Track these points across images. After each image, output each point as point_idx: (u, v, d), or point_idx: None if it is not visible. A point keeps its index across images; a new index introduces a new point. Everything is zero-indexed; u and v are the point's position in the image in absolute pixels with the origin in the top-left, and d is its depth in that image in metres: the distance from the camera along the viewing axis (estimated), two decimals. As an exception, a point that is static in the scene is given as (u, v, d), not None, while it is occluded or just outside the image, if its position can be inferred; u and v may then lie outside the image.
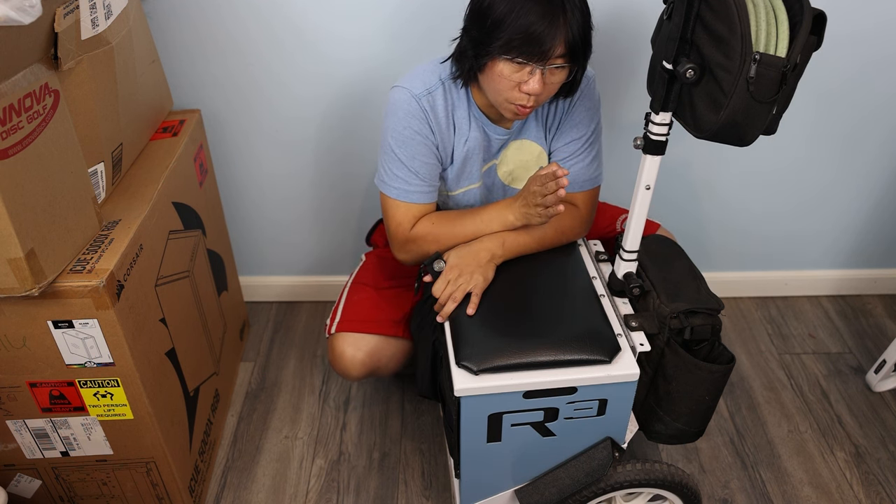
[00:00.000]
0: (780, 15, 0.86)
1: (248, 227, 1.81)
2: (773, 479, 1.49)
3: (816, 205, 1.82)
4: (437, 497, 1.44)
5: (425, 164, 1.22)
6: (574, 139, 1.27)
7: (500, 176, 1.31)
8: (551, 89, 1.13)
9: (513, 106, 1.13)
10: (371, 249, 1.57)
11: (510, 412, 1.08)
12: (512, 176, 1.31)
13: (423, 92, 1.19)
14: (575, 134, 1.26)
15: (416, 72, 1.21)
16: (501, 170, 1.30)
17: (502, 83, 1.10)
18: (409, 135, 1.19)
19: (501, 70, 1.09)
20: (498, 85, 1.11)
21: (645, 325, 1.11)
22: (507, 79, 1.09)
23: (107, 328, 1.04)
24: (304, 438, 1.56)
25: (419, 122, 1.19)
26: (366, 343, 1.31)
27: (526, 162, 1.30)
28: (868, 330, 1.87)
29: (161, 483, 1.28)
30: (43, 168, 0.95)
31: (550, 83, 1.11)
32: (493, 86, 1.12)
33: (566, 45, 1.06)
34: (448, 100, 1.21)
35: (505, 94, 1.12)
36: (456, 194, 1.30)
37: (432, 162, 1.23)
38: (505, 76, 1.09)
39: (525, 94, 1.10)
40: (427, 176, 1.23)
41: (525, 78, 1.08)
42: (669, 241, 1.26)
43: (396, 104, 1.19)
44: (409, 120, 1.18)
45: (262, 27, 1.48)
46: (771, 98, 0.86)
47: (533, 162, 1.30)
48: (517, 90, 1.10)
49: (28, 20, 0.83)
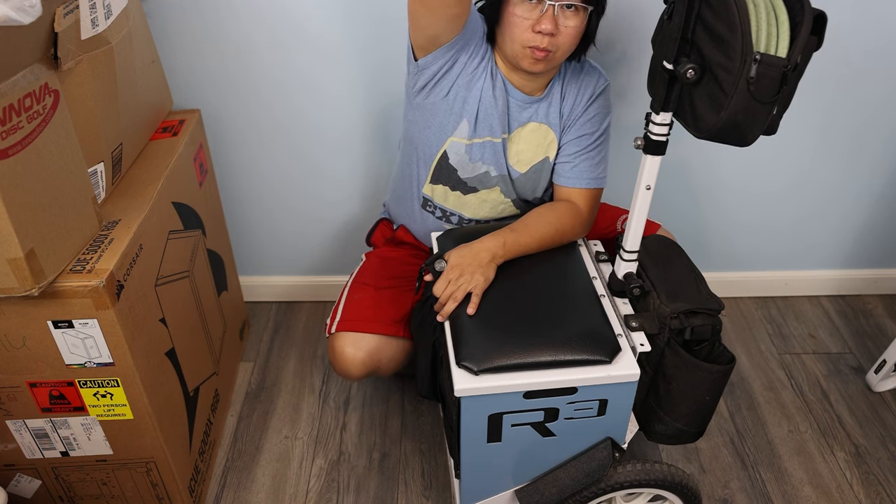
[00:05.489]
0: (780, 15, 0.86)
1: (248, 227, 1.81)
2: (773, 479, 1.49)
3: (816, 205, 1.82)
4: (437, 497, 1.44)
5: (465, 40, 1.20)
6: (586, 134, 1.29)
7: (508, 154, 1.31)
8: (567, 35, 1.15)
9: (528, 51, 1.16)
10: (371, 249, 1.57)
11: (510, 412, 1.08)
12: (518, 157, 1.31)
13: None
14: (588, 129, 1.29)
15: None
16: (511, 148, 1.31)
17: (516, 24, 1.14)
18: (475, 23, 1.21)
19: (514, 10, 1.14)
20: (513, 27, 1.15)
21: (645, 326, 1.11)
22: (521, 17, 1.14)
23: (107, 328, 1.04)
24: (304, 438, 1.56)
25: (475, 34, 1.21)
26: (366, 343, 1.31)
27: (536, 146, 1.31)
28: (868, 330, 1.88)
29: (161, 483, 1.28)
30: (43, 168, 0.95)
31: (564, 27, 1.14)
32: (510, 30, 1.16)
33: None
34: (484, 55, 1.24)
35: (520, 38, 1.15)
36: (475, 143, 1.29)
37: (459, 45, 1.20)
38: (518, 15, 1.14)
39: (539, 33, 1.13)
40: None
41: (537, 16, 1.12)
42: (670, 241, 1.26)
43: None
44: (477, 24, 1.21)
45: (262, 27, 1.48)
46: (771, 98, 0.86)
47: (542, 148, 1.31)
48: (531, 30, 1.14)
49: (28, 20, 0.83)
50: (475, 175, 1.33)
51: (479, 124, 1.27)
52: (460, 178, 1.33)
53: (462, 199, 1.36)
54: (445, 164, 1.32)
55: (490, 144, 1.29)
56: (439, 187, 1.36)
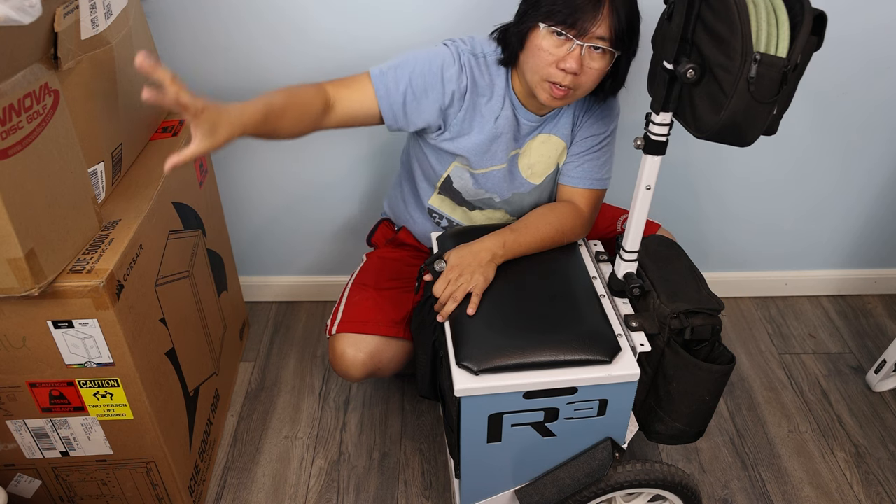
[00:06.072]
0: (780, 15, 0.86)
1: (248, 227, 1.81)
2: (773, 479, 1.49)
3: (816, 205, 1.82)
4: (437, 497, 1.44)
5: (423, 90, 1.19)
6: (594, 134, 1.28)
7: (521, 168, 1.31)
8: (589, 76, 1.13)
9: (548, 85, 1.13)
10: (372, 250, 1.57)
11: (510, 412, 1.08)
12: (531, 170, 1.31)
13: (470, 52, 1.20)
14: (596, 129, 1.28)
15: (467, 38, 1.23)
16: (523, 161, 1.30)
17: (541, 57, 1.11)
18: (436, 65, 1.18)
19: (541, 42, 1.10)
20: (537, 59, 1.12)
21: (645, 326, 1.11)
22: (547, 52, 1.10)
23: (107, 328, 1.04)
24: (304, 438, 1.56)
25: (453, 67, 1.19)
26: (366, 344, 1.31)
27: (548, 157, 1.30)
28: (868, 330, 1.88)
29: (161, 483, 1.28)
30: (43, 168, 0.95)
31: (589, 67, 1.11)
32: (533, 61, 1.13)
33: (609, 27, 1.07)
34: (489, 74, 1.22)
35: (542, 72, 1.12)
36: (479, 173, 1.29)
37: (424, 101, 1.20)
38: (544, 49, 1.10)
39: (562, 70, 1.10)
40: (409, 98, 1.19)
41: (563, 53, 1.09)
42: (670, 241, 1.26)
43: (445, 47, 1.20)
44: (446, 58, 1.19)
45: (263, 27, 1.48)
46: (771, 98, 0.86)
47: (554, 158, 1.30)
48: (555, 66, 1.11)
49: (28, 20, 0.83)
50: (480, 199, 1.34)
51: (484, 156, 1.27)
52: (465, 198, 1.35)
53: (469, 215, 1.38)
54: (450, 185, 1.34)
55: (494, 173, 1.29)
56: (447, 200, 1.37)
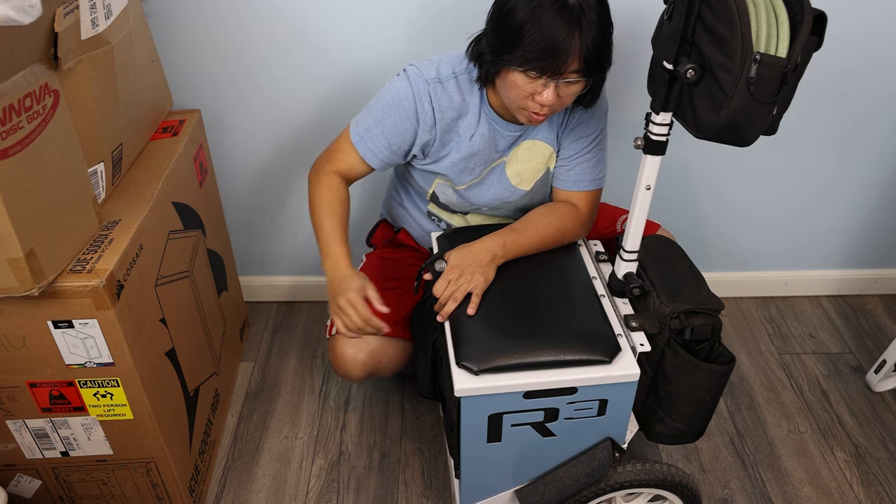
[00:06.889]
0: (780, 15, 0.86)
1: (248, 227, 1.81)
2: (773, 479, 1.49)
3: (817, 205, 1.82)
4: (437, 497, 1.44)
5: (399, 136, 1.24)
6: (582, 137, 1.28)
7: (509, 175, 1.31)
8: (566, 100, 1.13)
9: (526, 112, 1.14)
10: (371, 250, 1.57)
11: (510, 412, 1.08)
12: (520, 176, 1.31)
13: (433, 78, 1.21)
14: (584, 132, 1.27)
15: (433, 59, 1.23)
16: (510, 169, 1.30)
17: (516, 92, 1.11)
18: (401, 106, 1.22)
19: (515, 80, 1.09)
20: (512, 93, 1.12)
21: (645, 326, 1.11)
22: (521, 89, 1.10)
23: (107, 328, 1.04)
24: (304, 438, 1.56)
25: (415, 102, 1.21)
26: (366, 344, 1.31)
27: (535, 162, 1.30)
28: (868, 330, 1.88)
29: (161, 483, 1.28)
30: (43, 168, 0.95)
31: (565, 95, 1.11)
32: (508, 93, 1.13)
33: (581, 60, 1.06)
34: (459, 94, 1.22)
35: (519, 103, 1.13)
36: (462, 189, 1.31)
37: (404, 143, 1.25)
38: (519, 86, 1.10)
39: (538, 104, 1.11)
40: (392, 147, 1.26)
41: (539, 89, 1.09)
42: (669, 241, 1.26)
43: (405, 77, 1.22)
44: (407, 94, 1.21)
45: (262, 27, 1.48)
46: (771, 98, 0.86)
47: (542, 163, 1.30)
48: (531, 100, 1.11)
49: (28, 20, 0.83)
50: (468, 209, 1.36)
51: (463, 173, 1.28)
52: (455, 210, 1.37)
53: (465, 219, 1.39)
54: (437, 200, 1.36)
55: (476, 186, 1.31)
56: (440, 209, 1.39)
